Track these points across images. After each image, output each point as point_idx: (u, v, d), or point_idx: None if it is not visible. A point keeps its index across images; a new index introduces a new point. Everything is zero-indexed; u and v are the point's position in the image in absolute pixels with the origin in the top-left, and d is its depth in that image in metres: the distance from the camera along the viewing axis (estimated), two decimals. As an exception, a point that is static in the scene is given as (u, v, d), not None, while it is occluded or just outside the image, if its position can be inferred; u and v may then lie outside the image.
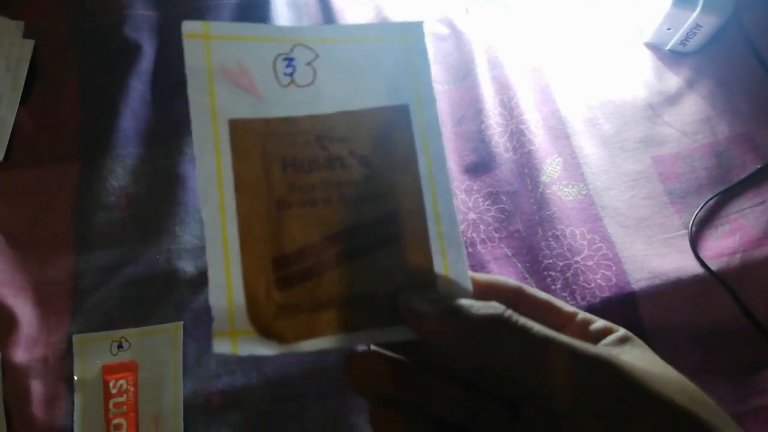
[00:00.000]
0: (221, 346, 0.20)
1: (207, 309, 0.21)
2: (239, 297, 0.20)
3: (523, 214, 0.53)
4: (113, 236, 0.51)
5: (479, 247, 0.52)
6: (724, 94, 0.58)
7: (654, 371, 0.20)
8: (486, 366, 0.19)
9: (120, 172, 0.54)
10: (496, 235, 0.53)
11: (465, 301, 0.20)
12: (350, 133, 0.22)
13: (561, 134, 0.57)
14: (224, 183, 0.21)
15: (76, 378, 0.45)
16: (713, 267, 0.50)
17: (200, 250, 0.51)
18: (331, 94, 0.23)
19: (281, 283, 0.21)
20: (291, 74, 0.23)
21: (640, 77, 0.60)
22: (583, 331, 0.23)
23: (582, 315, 0.23)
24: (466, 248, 0.51)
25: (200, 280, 0.49)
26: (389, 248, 0.21)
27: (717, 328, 0.49)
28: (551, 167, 0.54)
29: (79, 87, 0.58)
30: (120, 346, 0.46)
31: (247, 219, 0.21)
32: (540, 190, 0.54)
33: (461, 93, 0.59)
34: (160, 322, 0.47)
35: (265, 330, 0.20)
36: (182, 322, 0.47)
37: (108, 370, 0.45)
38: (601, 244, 0.51)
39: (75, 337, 0.46)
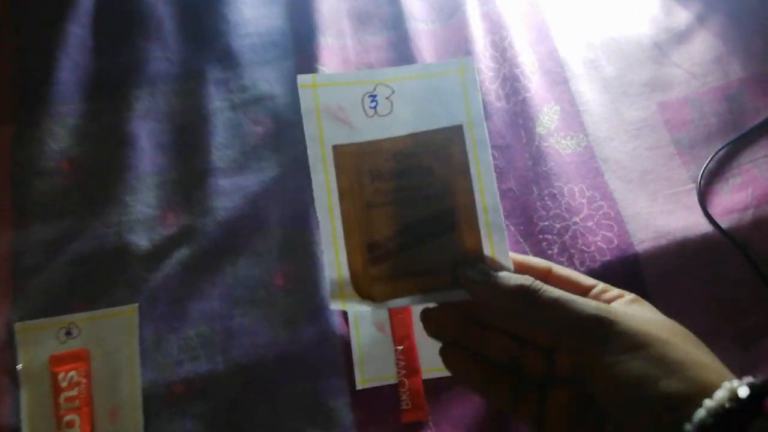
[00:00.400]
0: (335, 305, 0.29)
1: (165, 287, 0.33)
2: (345, 271, 0.30)
3: (517, 170, 0.48)
4: (55, 207, 0.45)
5: None
6: (737, 30, 0.52)
7: (646, 316, 0.26)
8: (521, 322, 0.28)
9: (60, 133, 0.47)
10: None
11: (504, 273, 0.28)
12: (417, 149, 0.30)
13: (559, 78, 0.50)
14: (331, 191, 0.30)
15: (20, 370, 0.39)
16: (723, 225, 0.45)
17: (154, 221, 0.45)
18: (404, 120, 0.31)
19: (372, 261, 0.30)
20: (375, 107, 0.31)
21: (646, 12, 0.53)
22: (598, 299, 0.28)
23: (600, 286, 0.29)
24: None
25: (155, 255, 0.43)
26: (449, 233, 0.30)
27: (726, 291, 0.45)
28: (548, 117, 0.48)
29: (10, 34, 0.49)
30: (68, 333, 0.40)
31: (347, 217, 0.30)
32: (536, 143, 0.48)
33: (448, 32, 0.52)
34: (112, 305, 0.41)
35: (364, 294, 0.29)
36: (137, 304, 0.42)
37: (56, 360, 0.39)
38: (602, 202, 0.46)
39: (17, 325, 0.41)
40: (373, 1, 0.53)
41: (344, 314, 0.43)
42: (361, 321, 0.43)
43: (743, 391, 0.21)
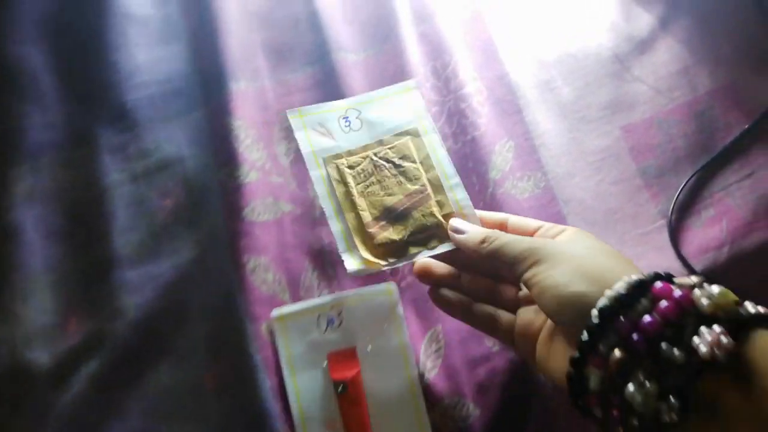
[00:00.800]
0: (351, 268, 0.36)
1: (75, 411, 0.36)
2: (354, 246, 0.37)
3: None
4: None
5: (409, 277, 0.42)
6: (704, 34, 0.46)
7: (571, 241, 0.33)
8: (489, 263, 0.36)
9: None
10: None
11: (471, 228, 0.37)
12: (388, 149, 0.40)
13: (511, 108, 0.44)
14: (330, 192, 0.39)
15: None
16: (698, 266, 0.41)
17: (54, 330, 0.38)
18: (373, 131, 0.41)
19: (374, 234, 0.38)
20: (348, 125, 0.41)
21: (604, 18, 0.47)
22: (545, 236, 0.35)
23: (546, 226, 0.36)
24: (401, 280, 0.42)
25: (60, 372, 0.37)
26: (427, 202, 0.39)
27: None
28: (501, 156, 0.43)
29: None
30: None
31: (347, 207, 0.39)
32: (490, 190, 0.42)
33: (382, 61, 0.45)
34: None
35: (373, 257, 0.37)
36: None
37: None
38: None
39: None
40: (291, 29, 0.44)
41: (289, 418, 0.37)
42: (309, 422, 0.37)
43: (634, 279, 0.28)
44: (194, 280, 0.40)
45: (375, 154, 0.40)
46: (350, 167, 0.39)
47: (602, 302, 0.28)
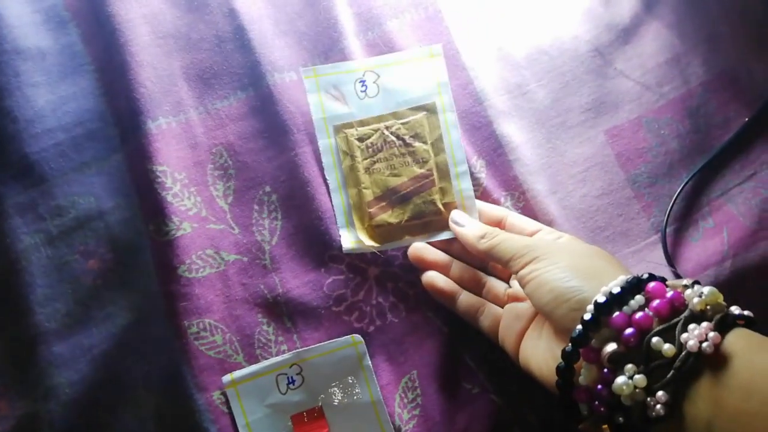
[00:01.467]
0: (347, 245, 0.51)
1: None
2: (351, 222, 0.52)
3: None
4: None
5: (390, 315, 0.53)
6: (696, 15, 0.60)
7: (566, 244, 0.48)
8: (485, 257, 0.50)
9: None
10: (411, 291, 0.54)
11: (470, 222, 0.51)
12: (401, 124, 0.53)
13: (479, 120, 0.57)
14: (336, 163, 0.53)
15: None
16: None
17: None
18: (389, 100, 0.54)
19: (372, 214, 0.52)
20: (365, 90, 0.54)
21: (578, 5, 0.57)
22: (540, 238, 0.50)
23: (544, 230, 0.50)
24: (369, 324, 0.52)
25: None
26: (430, 189, 0.52)
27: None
28: (472, 180, 0.52)
29: None
30: None
31: (351, 181, 0.53)
32: None
33: None
34: None
35: (368, 238, 0.52)
36: None
37: None
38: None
39: None
40: (215, 50, 0.55)
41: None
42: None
43: (624, 280, 0.40)
44: (133, 348, 0.51)
45: (387, 128, 0.53)
46: (360, 139, 0.53)
47: (598, 298, 0.40)
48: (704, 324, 0.37)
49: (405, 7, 0.58)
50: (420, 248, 0.52)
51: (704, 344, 0.36)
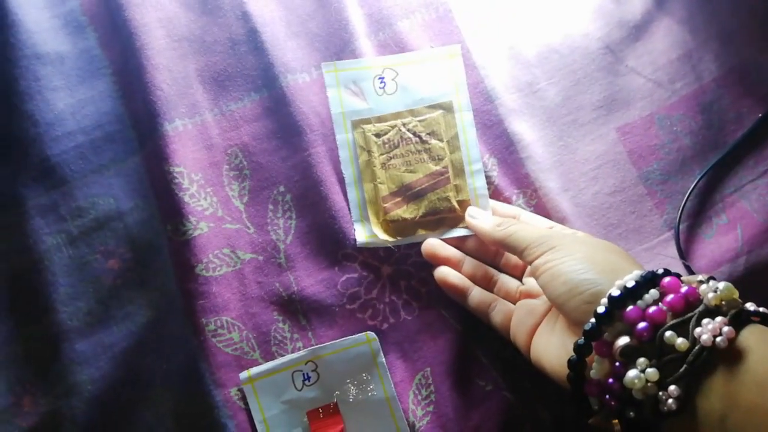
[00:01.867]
0: (361, 239, 0.54)
1: None
2: (366, 217, 0.55)
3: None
4: None
5: (403, 313, 0.55)
6: (707, 10, 0.60)
7: (581, 238, 0.49)
8: (500, 246, 0.52)
9: None
10: (424, 289, 0.56)
11: (486, 217, 0.53)
12: (418, 122, 0.56)
13: (490, 119, 0.59)
14: (353, 158, 0.56)
15: None
16: None
17: (9, 411, 0.51)
18: (407, 98, 0.57)
19: (387, 209, 0.55)
20: (383, 87, 0.57)
21: (589, 2, 0.58)
22: None
23: (558, 227, 0.53)
24: (382, 322, 0.54)
25: None
26: (445, 186, 0.55)
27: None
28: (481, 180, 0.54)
29: None
30: None
31: (367, 176, 0.56)
32: None
33: None
34: None
35: (383, 232, 0.54)
36: None
37: None
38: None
39: None
40: (229, 52, 0.57)
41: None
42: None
43: (639, 274, 0.41)
44: (152, 346, 0.54)
45: (404, 125, 0.56)
46: (377, 135, 0.56)
47: (612, 291, 0.41)
48: (719, 318, 0.38)
49: (415, 7, 0.60)
50: (433, 244, 0.54)
51: (718, 339, 0.37)
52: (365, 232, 0.55)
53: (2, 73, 0.57)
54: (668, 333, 0.38)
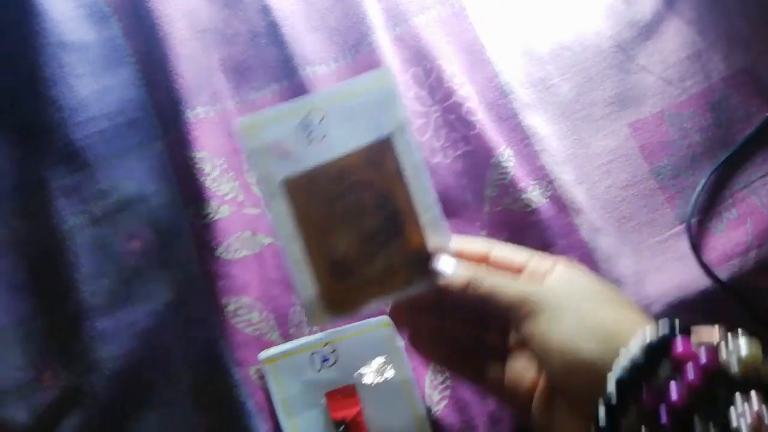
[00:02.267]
0: (314, 324, 0.50)
1: None
2: (314, 291, 0.45)
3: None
4: None
5: None
6: (716, 11, 0.64)
7: (567, 287, 0.42)
8: (477, 307, 0.44)
9: None
10: None
11: (454, 269, 0.44)
12: (356, 166, 0.46)
13: (505, 112, 0.61)
14: (288, 220, 0.46)
15: None
16: (723, 275, 0.57)
17: (30, 385, 0.53)
18: (340, 141, 0.47)
19: (338, 278, 0.46)
20: (310, 134, 0.46)
21: (601, 2, 0.61)
22: (534, 275, 0.45)
23: (533, 261, 0.45)
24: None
25: (40, 429, 0.52)
26: (398, 237, 0.46)
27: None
28: (499, 169, 0.57)
29: None
30: None
31: (308, 241, 0.46)
32: (487, 208, 0.59)
33: (355, 72, 0.64)
34: None
35: (337, 309, 0.46)
36: None
37: None
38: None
39: None
40: (250, 44, 0.59)
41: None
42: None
43: (649, 341, 0.36)
44: (173, 325, 0.56)
45: (339, 175, 0.46)
46: (310, 193, 0.46)
47: (618, 373, 0.36)
48: (754, 398, 0.33)
49: (431, 3, 0.63)
50: (400, 304, 0.47)
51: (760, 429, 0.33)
52: (319, 311, 0.45)
53: (28, 60, 0.59)
54: (697, 419, 0.34)
